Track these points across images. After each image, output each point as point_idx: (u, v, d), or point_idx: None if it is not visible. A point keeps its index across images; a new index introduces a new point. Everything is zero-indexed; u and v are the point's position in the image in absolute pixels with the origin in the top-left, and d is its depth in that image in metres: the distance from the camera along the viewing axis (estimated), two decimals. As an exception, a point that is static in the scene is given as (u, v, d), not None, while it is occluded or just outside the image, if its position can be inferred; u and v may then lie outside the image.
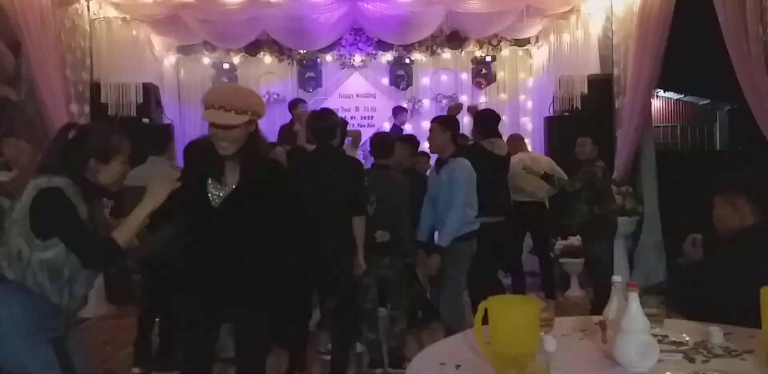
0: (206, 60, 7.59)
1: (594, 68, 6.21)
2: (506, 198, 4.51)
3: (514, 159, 5.07)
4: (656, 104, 15.34)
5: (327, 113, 3.67)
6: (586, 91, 6.11)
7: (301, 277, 3.60)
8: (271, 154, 4.47)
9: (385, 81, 7.94)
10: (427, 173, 4.51)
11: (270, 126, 7.76)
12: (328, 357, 3.96)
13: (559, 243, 6.10)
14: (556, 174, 5.08)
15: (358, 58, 7.70)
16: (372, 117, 7.70)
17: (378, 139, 4.13)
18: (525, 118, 7.81)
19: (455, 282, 3.84)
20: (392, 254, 3.79)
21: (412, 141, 4.77)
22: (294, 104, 6.24)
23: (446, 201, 3.73)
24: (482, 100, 7.83)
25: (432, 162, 4.55)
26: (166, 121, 6.54)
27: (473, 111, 5.45)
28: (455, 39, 7.44)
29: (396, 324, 3.92)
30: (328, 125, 3.51)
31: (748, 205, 2.21)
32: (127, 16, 6.10)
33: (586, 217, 4.64)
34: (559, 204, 5.18)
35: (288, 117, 6.29)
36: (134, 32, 6.22)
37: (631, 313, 1.62)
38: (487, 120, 4.55)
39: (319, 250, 3.40)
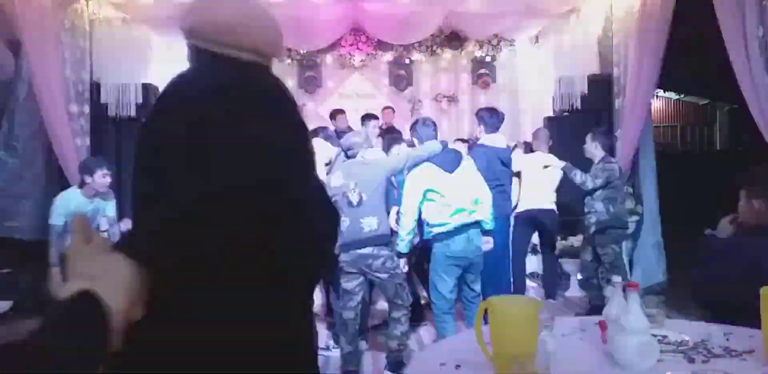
0: (206, 60, 7.57)
1: (594, 68, 6.21)
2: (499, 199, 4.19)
3: (529, 157, 5.18)
4: (656, 104, 15.34)
5: None
6: (586, 91, 6.11)
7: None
8: None
9: (385, 81, 7.94)
10: None
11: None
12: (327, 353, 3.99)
13: (559, 243, 6.10)
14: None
15: (358, 58, 7.70)
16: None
17: None
18: (525, 118, 7.82)
19: (432, 282, 3.82)
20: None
21: None
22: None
23: None
24: (482, 100, 7.84)
25: None
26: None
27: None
28: (455, 39, 7.44)
29: (397, 326, 3.72)
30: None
31: None
32: (127, 16, 6.09)
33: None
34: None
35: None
36: (134, 32, 6.22)
37: (631, 313, 1.62)
38: (493, 115, 4.46)
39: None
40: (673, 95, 16.68)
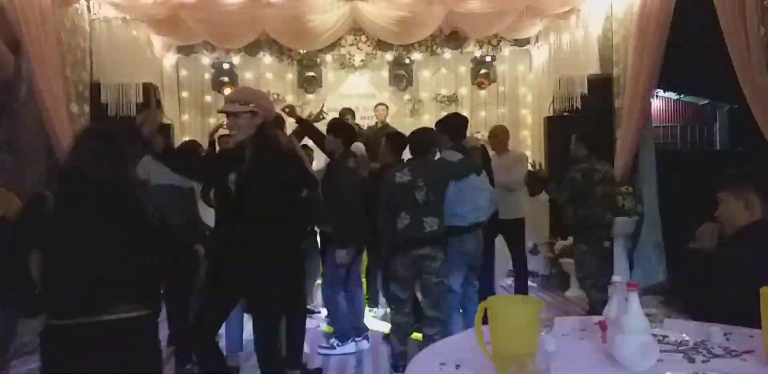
0: (206, 60, 7.59)
1: (594, 68, 6.21)
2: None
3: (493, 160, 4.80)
4: (656, 104, 15.32)
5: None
6: (586, 91, 6.11)
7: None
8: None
9: (385, 81, 7.94)
10: None
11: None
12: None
13: (559, 243, 6.10)
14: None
15: (358, 58, 7.70)
16: (372, 117, 7.68)
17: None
18: (524, 118, 7.83)
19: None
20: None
21: None
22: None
23: None
24: (482, 100, 7.86)
25: None
26: (166, 121, 6.54)
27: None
28: (455, 39, 7.45)
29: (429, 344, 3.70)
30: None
31: (754, 201, 2.20)
32: (127, 16, 6.09)
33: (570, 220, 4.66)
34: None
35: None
36: (134, 32, 6.22)
37: (631, 313, 1.62)
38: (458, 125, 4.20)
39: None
40: (673, 95, 16.67)
